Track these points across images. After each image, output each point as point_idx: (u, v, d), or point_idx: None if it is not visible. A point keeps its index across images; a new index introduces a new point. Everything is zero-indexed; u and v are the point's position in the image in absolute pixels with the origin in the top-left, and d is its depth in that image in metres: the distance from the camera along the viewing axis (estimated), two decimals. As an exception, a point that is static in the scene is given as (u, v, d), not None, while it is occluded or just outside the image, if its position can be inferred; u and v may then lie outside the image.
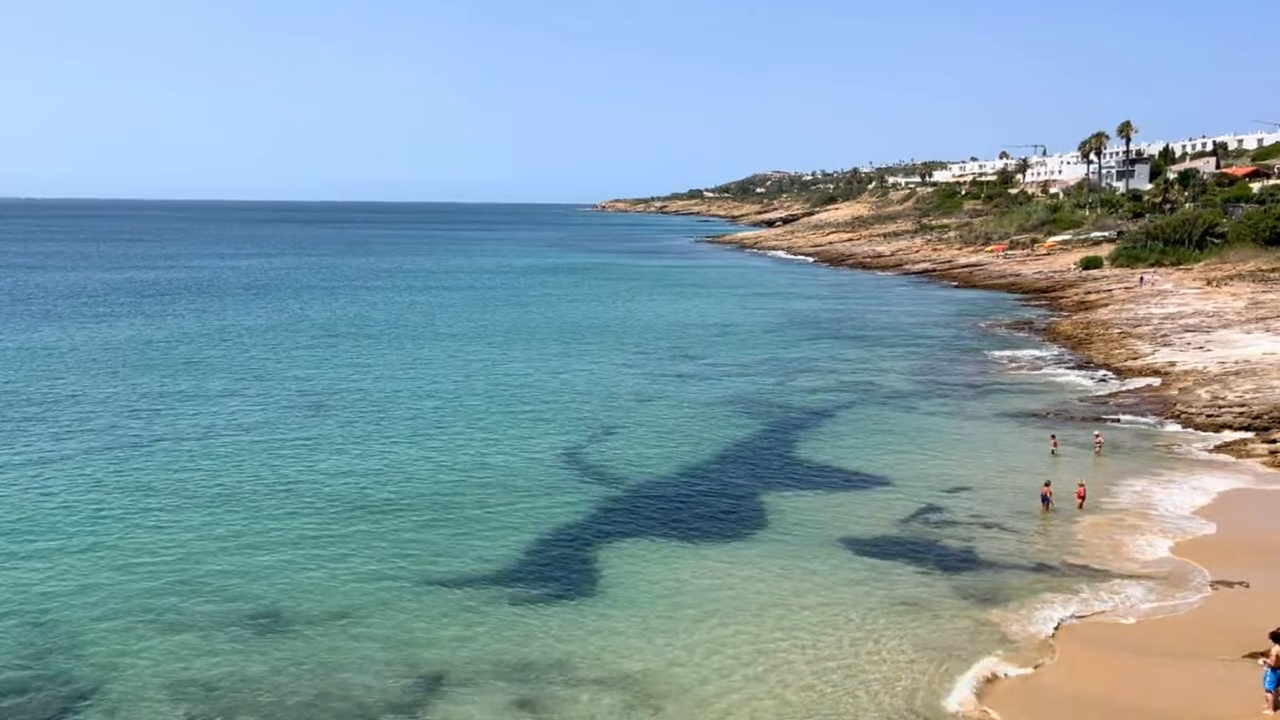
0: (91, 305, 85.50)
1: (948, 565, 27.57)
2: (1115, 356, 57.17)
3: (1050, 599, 25.24)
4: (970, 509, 32.31)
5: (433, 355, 61.52)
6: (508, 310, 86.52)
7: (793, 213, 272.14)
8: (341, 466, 36.47)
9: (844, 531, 30.18)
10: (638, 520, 31.29)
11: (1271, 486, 34.19)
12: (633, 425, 43.66)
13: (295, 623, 23.59)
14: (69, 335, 67.29)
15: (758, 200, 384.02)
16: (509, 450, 39.00)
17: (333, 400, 47.77)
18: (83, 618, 23.75)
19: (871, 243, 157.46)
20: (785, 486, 34.92)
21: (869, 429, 43.28)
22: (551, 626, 23.62)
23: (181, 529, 29.70)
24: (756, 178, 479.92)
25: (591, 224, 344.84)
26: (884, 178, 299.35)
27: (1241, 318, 62.66)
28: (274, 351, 61.98)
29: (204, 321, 76.05)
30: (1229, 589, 25.49)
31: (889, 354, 62.75)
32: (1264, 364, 48.86)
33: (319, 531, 29.70)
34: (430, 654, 22.17)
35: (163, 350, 61.66)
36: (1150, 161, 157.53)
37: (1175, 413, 43.36)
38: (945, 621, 23.91)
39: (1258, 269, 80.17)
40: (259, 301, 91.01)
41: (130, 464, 36.37)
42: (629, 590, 25.82)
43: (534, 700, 20.30)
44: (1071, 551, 28.59)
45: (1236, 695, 19.91)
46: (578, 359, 60.66)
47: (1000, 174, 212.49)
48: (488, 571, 26.96)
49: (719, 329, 74.98)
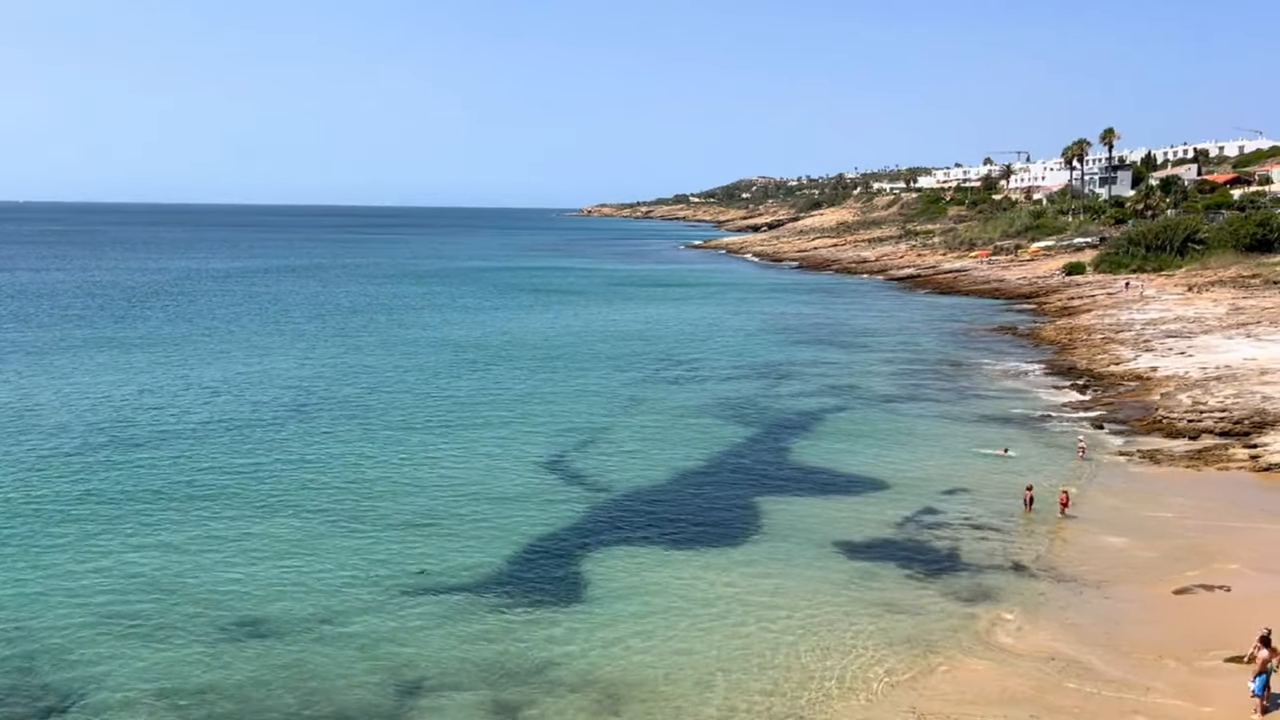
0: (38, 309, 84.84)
1: (930, 567, 27.64)
2: (1098, 362, 57.43)
3: (1030, 601, 25.31)
4: (952, 512, 32.38)
5: (413, 362, 61.27)
6: (488, 316, 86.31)
7: (778, 218, 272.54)
8: (323, 473, 36.25)
9: (826, 534, 30.18)
10: (620, 525, 31.21)
11: (1252, 491, 34.36)
12: (616, 431, 43.58)
13: (277, 630, 23.42)
14: (31, 342, 66.71)
15: (743, 206, 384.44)
16: (491, 457, 38.86)
17: (313, 407, 47.50)
18: (63, 624, 23.51)
19: (856, 248, 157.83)
20: (768, 491, 34.90)
21: (852, 433, 43.33)
22: (534, 632, 23.51)
23: (162, 536, 29.47)
24: (742, 183, 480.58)
25: (576, 229, 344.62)
26: (869, 183, 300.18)
27: (1223, 323, 63.07)
28: (257, 356, 61.60)
29: (192, 324, 75.57)
30: (1210, 593, 25.56)
31: (873, 359, 62.86)
32: (1245, 369, 49.16)
33: (300, 539, 29.50)
34: (413, 661, 22.03)
35: (141, 354, 61.21)
36: (1132, 168, 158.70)
37: (1157, 418, 43.54)
38: (928, 622, 23.96)
39: (1239, 275, 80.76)
40: (240, 305, 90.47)
41: (110, 471, 36.06)
42: (612, 595, 25.74)
43: (515, 705, 20.20)
44: (1052, 555, 28.69)
45: (1222, 700, 19.95)
46: (561, 365, 60.53)
47: (984, 180, 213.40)
48: (471, 578, 26.82)
49: (704, 335, 75.00)
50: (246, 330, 73.74)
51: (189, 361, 59.07)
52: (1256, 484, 35.12)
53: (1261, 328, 60.13)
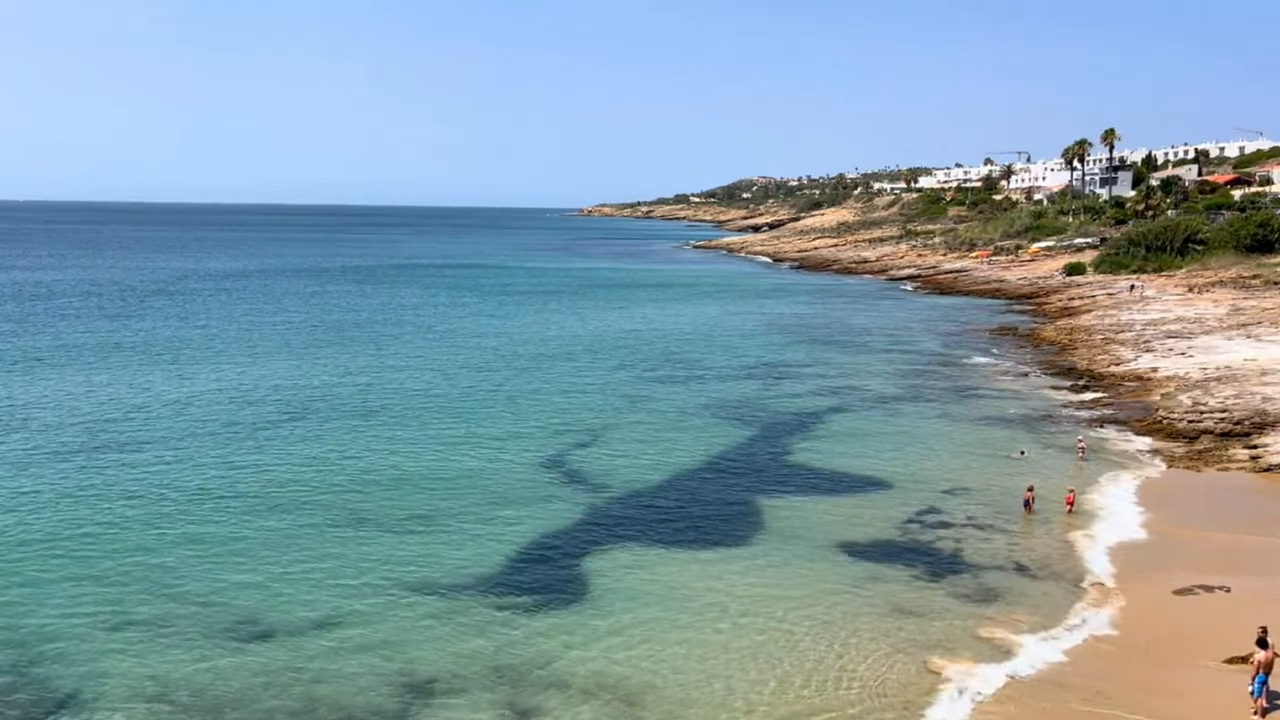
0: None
1: (934, 568, 27.69)
2: (1098, 362, 57.48)
3: (1032, 601, 25.37)
4: (954, 513, 32.44)
5: (413, 361, 61.32)
6: (487, 316, 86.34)
7: (779, 218, 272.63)
8: (325, 473, 36.30)
9: (829, 535, 30.24)
10: (624, 526, 31.26)
11: (1252, 491, 34.42)
12: (618, 431, 43.62)
13: (280, 631, 23.47)
14: (25, 343, 66.80)
15: (744, 205, 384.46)
16: (494, 457, 38.92)
17: (316, 406, 47.54)
18: (64, 625, 23.57)
19: (857, 248, 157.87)
20: (770, 491, 34.95)
21: (853, 434, 43.38)
22: (539, 633, 23.58)
23: (164, 536, 29.51)
24: (742, 183, 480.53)
25: (576, 229, 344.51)
26: (869, 184, 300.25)
27: (1223, 324, 63.11)
28: (254, 356, 61.65)
29: (186, 324, 75.63)
30: (1210, 594, 25.62)
31: (873, 359, 62.93)
32: (1245, 370, 49.20)
33: (302, 539, 29.54)
34: (417, 661, 22.08)
35: (144, 353, 61.27)
36: (1133, 169, 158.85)
37: (1157, 418, 43.61)
38: (932, 623, 24.01)
39: (1239, 275, 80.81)
40: (235, 304, 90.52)
41: (109, 471, 36.10)
42: (615, 596, 25.79)
43: (521, 706, 20.26)
44: (1054, 556, 28.75)
45: (1222, 701, 20.01)
46: (562, 365, 60.59)
47: (985, 180, 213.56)
48: (474, 578, 26.88)
49: (704, 334, 75.05)
50: (243, 330, 73.72)
51: (189, 361, 59.09)
52: (1257, 485, 35.18)
53: (1262, 328, 60.17)
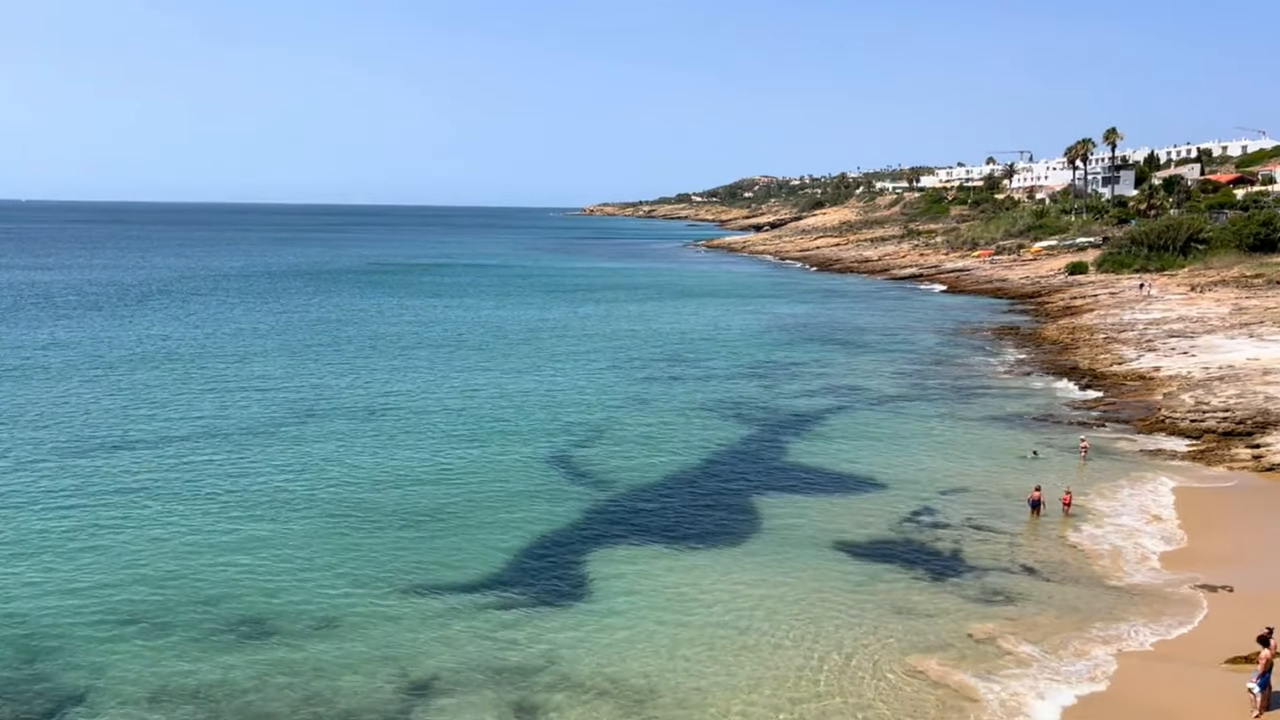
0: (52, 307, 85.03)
1: (935, 569, 27.66)
2: (1100, 362, 57.43)
3: (1035, 601, 25.35)
4: (957, 513, 32.41)
5: (414, 361, 61.37)
6: (487, 316, 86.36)
7: (780, 217, 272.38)
8: (329, 473, 36.33)
9: (831, 535, 30.23)
10: (625, 526, 31.27)
11: (1254, 491, 34.39)
12: (621, 430, 43.64)
13: (282, 629, 23.49)
14: (35, 338, 66.87)
15: (745, 205, 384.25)
16: (496, 456, 38.94)
17: (320, 407, 47.59)
18: (67, 622, 23.61)
19: (859, 248, 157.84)
20: (773, 490, 34.95)
21: (855, 433, 43.37)
22: (540, 632, 23.58)
23: (167, 535, 29.56)
24: (744, 182, 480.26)
25: (578, 228, 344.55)
26: (871, 183, 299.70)
27: (1225, 323, 63.04)
28: (261, 357, 61.70)
29: (190, 325, 75.69)
30: (1212, 593, 25.61)
31: (876, 359, 62.92)
32: (1247, 369, 49.15)
33: (302, 538, 29.58)
34: (418, 660, 22.09)
35: (146, 353, 61.33)
36: (1135, 168, 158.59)
37: (1159, 418, 43.58)
38: (934, 625, 23.98)
39: (1241, 275, 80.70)
40: (235, 304, 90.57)
41: (115, 469, 36.17)
42: (617, 595, 25.80)
43: (522, 705, 20.26)
44: (1056, 557, 28.73)
45: (1222, 700, 19.99)
46: (564, 365, 60.61)
47: (987, 179, 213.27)
48: (476, 577, 26.89)
49: (706, 334, 75.05)
50: (243, 330, 73.81)
51: (188, 361, 59.15)
52: (1259, 484, 35.14)
53: (1264, 327, 60.09)
